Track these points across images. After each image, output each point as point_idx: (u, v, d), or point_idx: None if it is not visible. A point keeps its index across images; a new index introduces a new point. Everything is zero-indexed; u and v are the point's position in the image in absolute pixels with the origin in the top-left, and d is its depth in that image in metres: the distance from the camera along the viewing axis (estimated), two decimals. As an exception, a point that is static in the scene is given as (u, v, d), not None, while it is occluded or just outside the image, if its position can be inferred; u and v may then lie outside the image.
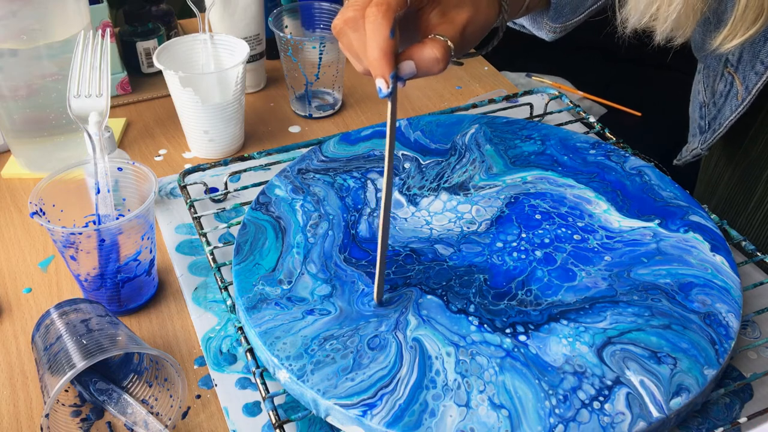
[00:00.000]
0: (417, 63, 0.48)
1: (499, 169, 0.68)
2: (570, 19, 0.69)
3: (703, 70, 0.73)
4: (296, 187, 0.65)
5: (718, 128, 0.70)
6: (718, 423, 0.51)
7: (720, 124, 0.69)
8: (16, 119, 0.72)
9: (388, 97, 0.47)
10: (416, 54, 0.48)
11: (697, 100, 0.74)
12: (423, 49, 0.48)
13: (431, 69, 0.48)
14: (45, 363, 0.49)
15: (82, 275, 0.58)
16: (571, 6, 0.68)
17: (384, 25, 0.46)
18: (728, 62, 0.66)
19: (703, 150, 0.73)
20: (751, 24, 0.53)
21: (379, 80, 0.47)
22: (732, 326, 0.53)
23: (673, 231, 0.61)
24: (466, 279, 0.56)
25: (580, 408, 0.47)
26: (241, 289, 0.55)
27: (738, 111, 0.67)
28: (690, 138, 0.77)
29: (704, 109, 0.72)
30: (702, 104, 0.73)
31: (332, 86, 0.85)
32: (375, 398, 0.47)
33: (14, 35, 0.66)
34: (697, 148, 0.74)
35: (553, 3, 0.68)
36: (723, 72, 0.67)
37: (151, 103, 0.88)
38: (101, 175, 0.57)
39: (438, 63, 0.48)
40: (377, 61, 0.46)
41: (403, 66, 0.48)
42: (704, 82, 0.73)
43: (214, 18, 0.85)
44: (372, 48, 0.46)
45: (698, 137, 0.74)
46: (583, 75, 1.43)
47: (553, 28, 0.71)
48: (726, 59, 0.67)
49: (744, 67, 0.65)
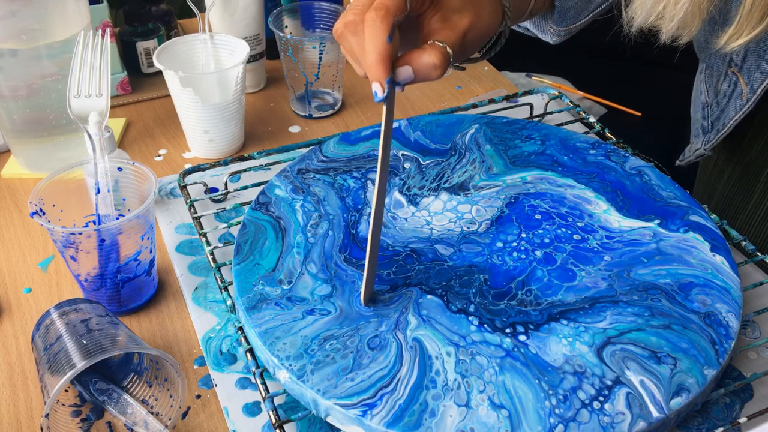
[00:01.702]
0: (415, 69, 0.47)
1: (499, 169, 0.68)
2: (574, 22, 0.69)
3: (705, 70, 0.73)
4: (296, 187, 0.65)
5: (722, 128, 0.70)
6: (718, 423, 0.51)
7: (724, 124, 0.69)
8: (16, 119, 0.72)
9: (384, 102, 0.47)
10: (414, 60, 0.48)
11: (699, 101, 0.74)
12: (421, 55, 0.48)
13: (429, 75, 0.48)
14: (45, 363, 0.49)
15: (82, 275, 0.58)
16: (576, 9, 0.68)
17: (382, 30, 0.46)
18: (732, 62, 0.66)
19: (707, 150, 0.73)
20: (757, 23, 0.53)
21: (375, 84, 0.46)
22: (732, 326, 0.53)
23: (673, 231, 0.61)
24: (466, 279, 0.56)
25: (580, 408, 0.47)
26: (241, 289, 0.55)
27: (743, 111, 0.66)
28: (692, 138, 0.76)
29: (707, 110, 0.72)
30: (704, 104, 0.73)
31: (332, 86, 0.85)
32: (375, 398, 0.47)
33: (14, 35, 0.66)
34: (700, 149, 0.74)
35: (557, 7, 0.68)
36: (727, 72, 0.67)
37: (151, 103, 0.88)
38: (101, 175, 0.57)
39: (436, 69, 0.48)
40: (374, 66, 0.46)
41: (401, 71, 0.47)
42: (706, 82, 0.72)
43: (214, 18, 0.85)
44: (369, 52, 0.46)
45: (701, 137, 0.73)
46: (583, 75, 1.43)
47: (557, 32, 0.70)
48: (730, 59, 0.66)
49: (749, 66, 0.65)
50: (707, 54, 0.70)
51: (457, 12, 0.51)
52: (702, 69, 0.74)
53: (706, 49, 0.68)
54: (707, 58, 0.71)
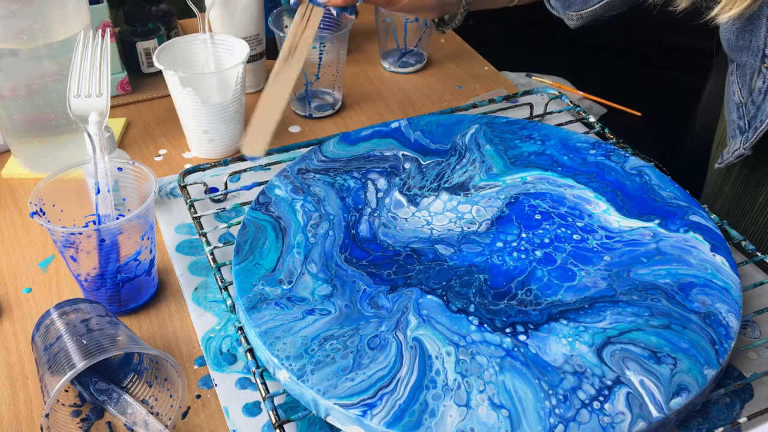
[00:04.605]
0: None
1: (499, 169, 0.68)
2: (583, 8, 0.70)
3: (736, 70, 0.73)
4: (296, 187, 0.65)
5: (760, 125, 0.69)
6: (718, 423, 0.51)
7: (762, 121, 0.68)
8: (16, 119, 0.72)
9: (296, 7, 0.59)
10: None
11: (733, 101, 0.73)
12: None
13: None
14: (45, 363, 0.49)
15: (82, 275, 0.58)
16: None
17: None
18: (766, 57, 0.66)
19: (746, 150, 0.72)
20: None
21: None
22: (732, 326, 0.53)
23: (673, 231, 0.61)
24: (467, 279, 0.56)
25: (580, 408, 0.47)
26: (241, 289, 0.55)
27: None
28: (729, 140, 0.75)
29: (742, 109, 0.72)
30: (739, 104, 0.72)
31: (332, 86, 0.85)
32: (375, 398, 0.47)
33: (14, 35, 0.66)
34: (739, 149, 0.73)
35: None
36: (760, 68, 0.67)
37: (151, 103, 0.88)
38: (101, 175, 0.57)
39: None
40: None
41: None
42: (739, 81, 0.72)
43: (214, 18, 0.85)
44: None
45: (739, 138, 0.72)
46: (583, 75, 1.43)
47: (570, 16, 0.71)
48: (763, 54, 0.66)
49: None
50: (739, 53, 0.69)
51: None
52: (732, 69, 0.74)
53: (736, 46, 0.68)
54: (739, 57, 0.70)
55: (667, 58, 1.55)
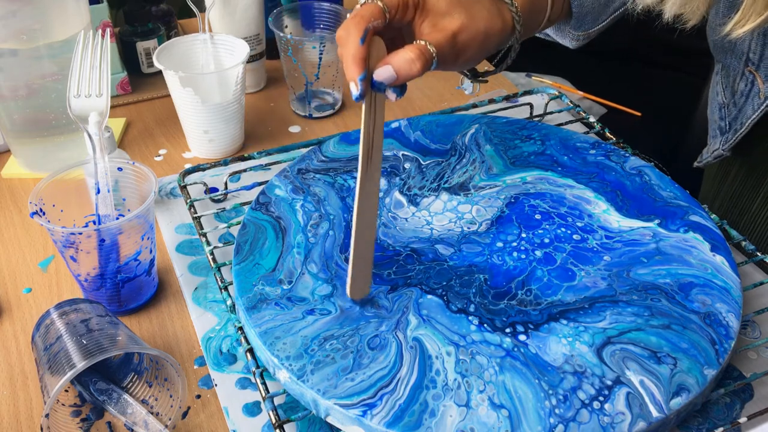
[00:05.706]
0: (394, 66, 0.50)
1: (499, 169, 0.68)
2: (592, 26, 0.70)
3: (721, 70, 0.73)
4: (296, 187, 0.65)
5: (740, 128, 0.69)
6: (718, 423, 0.51)
7: (742, 123, 0.69)
8: (16, 119, 0.72)
9: (361, 100, 0.50)
10: (393, 58, 0.51)
11: (716, 102, 0.74)
12: (399, 52, 0.51)
13: (410, 70, 0.51)
14: (45, 363, 0.49)
15: (82, 275, 0.58)
16: (593, 14, 0.69)
17: (354, 34, 0.49)
18: (749, 61, 0.66)
19: (725, 151, 0.72)
20: (762, 8, 0.54)
21: (351, 84, 0.50)
22: (732, 326, 0.53)
23: (673, 231, 0.61)
24: (467, 279, 0.56)
25: (580, 408, 0.47)
26: (241, 289, 0.55)
27: (760, 110, 0.66)
28: (710, 140, 0.76)
29: (724, 110, 0.72)
30: (721, 105, 0.72)
31: (332, 86, 0.85)
32: (375, 398, 0.47)
33: (14, 35, 0.66)
34: (718, 149, 0.73)
35: (574, 13, 0.69)
36: (744, 71, 0.67)
37: (151, 103, 0.88)
38: (101, 175, 0.57)
39: (414, 63, 0.50)
40: (347, 66, 0.49)
41: (380, 69, 0.50)
42: (723, 82, 0.72)
43: (214, 18, 0.85)
44: (345, 54, 0.50)
45: (719, 138, 0.73)
46: (583, 75, 1.43)
47: (576, 36, 0.72)
48: (747, 57, 0.66)
49: (766, 64, 0.65)
50: (723, 54, 0.70)
51: (445, 15, 0.54)
52: (718, 70, 0.74)
53: (722, 47, 0.68)
54: (723, 59, 0.71)
55: (667, 58, 1.55)
